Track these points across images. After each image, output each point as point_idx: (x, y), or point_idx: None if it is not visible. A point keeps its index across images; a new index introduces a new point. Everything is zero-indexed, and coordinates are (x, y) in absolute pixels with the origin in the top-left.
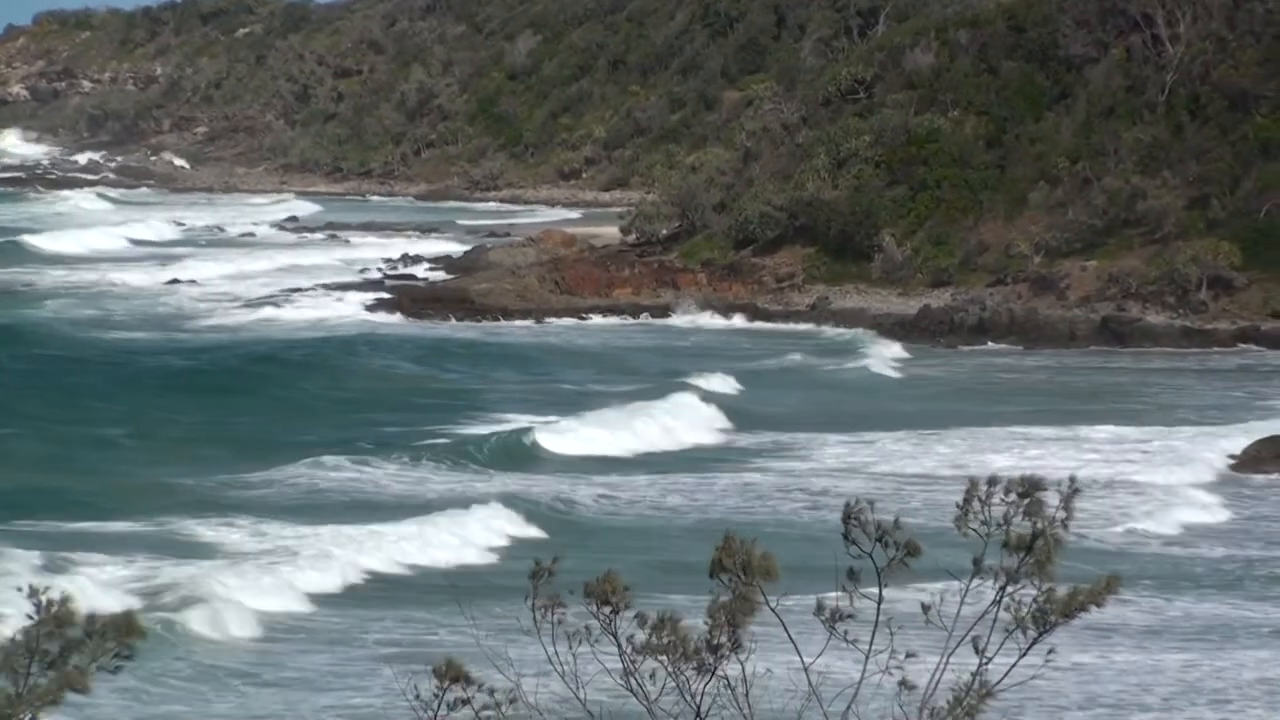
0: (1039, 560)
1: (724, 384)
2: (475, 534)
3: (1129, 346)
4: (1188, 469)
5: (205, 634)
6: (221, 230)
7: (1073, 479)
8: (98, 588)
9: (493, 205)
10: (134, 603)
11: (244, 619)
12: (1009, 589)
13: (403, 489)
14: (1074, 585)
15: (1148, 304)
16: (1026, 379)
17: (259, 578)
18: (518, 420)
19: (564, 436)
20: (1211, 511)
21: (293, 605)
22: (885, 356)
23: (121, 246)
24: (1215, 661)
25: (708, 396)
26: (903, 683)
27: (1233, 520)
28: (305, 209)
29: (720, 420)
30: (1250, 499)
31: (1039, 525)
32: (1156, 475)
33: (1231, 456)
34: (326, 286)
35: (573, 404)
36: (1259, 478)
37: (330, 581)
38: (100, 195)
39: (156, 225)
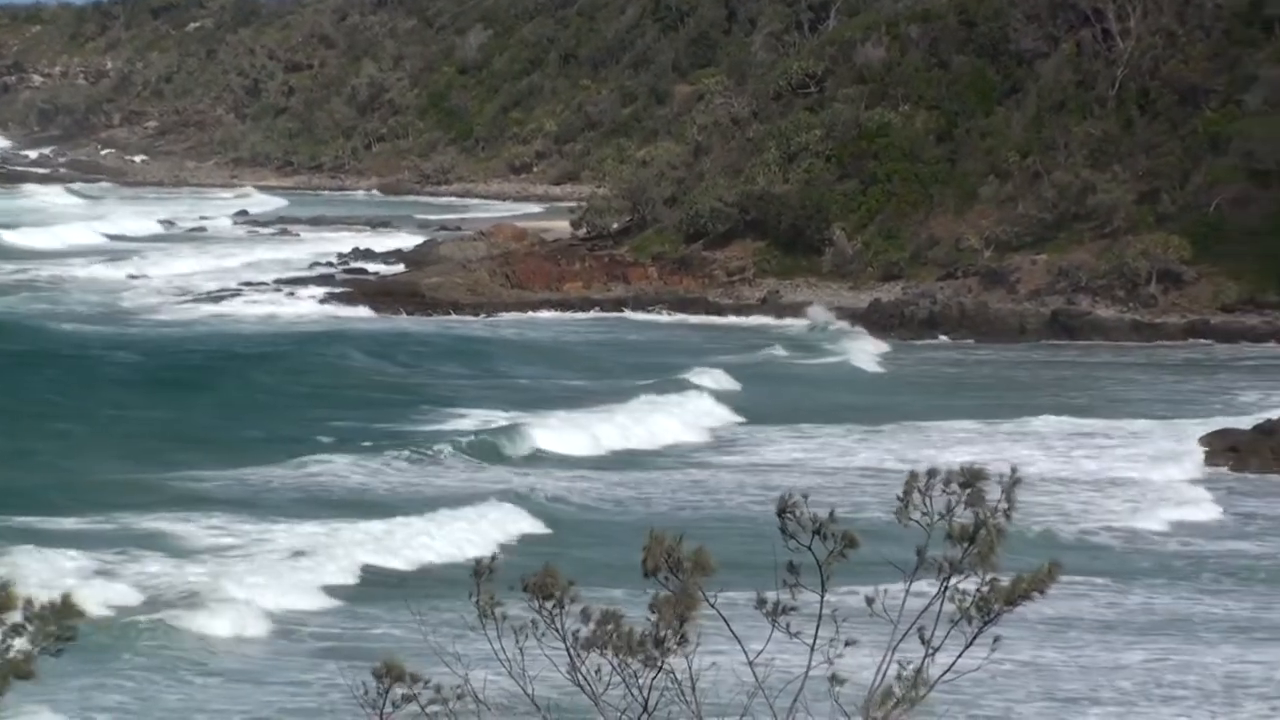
0: (981, 551)
1: (718, 380)
2: (474, 531)
3: (1078, 340)
4: (1144, 463)
5: (175, 629)
6: (189, 225)
7: (1014, 468)
8: (79, 581)
9: (455, 200)
10: (128, 599)
11: (212, 615)
12: (952, 580)
13: (384, 486)
14: (1017, 574)
15: (1098, 298)
16: (1016, 374)
17: (228, 574)
18: (498, 417)
19: (561, 433)
20: (1166, 505)
21: (264, 601)
22: (868, 351)
23: (99, 241)
24: (1177, 656)
25: (705, 392)
26: (833, 677)
27: (1185, 513)
28: (272, 203)
29: (729, 415)
30: (1202, 491)
31: (981, 515)
32: (1114, 469)
33: (1184, 450)
34: (281, 281)
35: (557, 401)
36: (1209, 470)
37: (298, 579)
38: (68, 190)
39: (130, 220)
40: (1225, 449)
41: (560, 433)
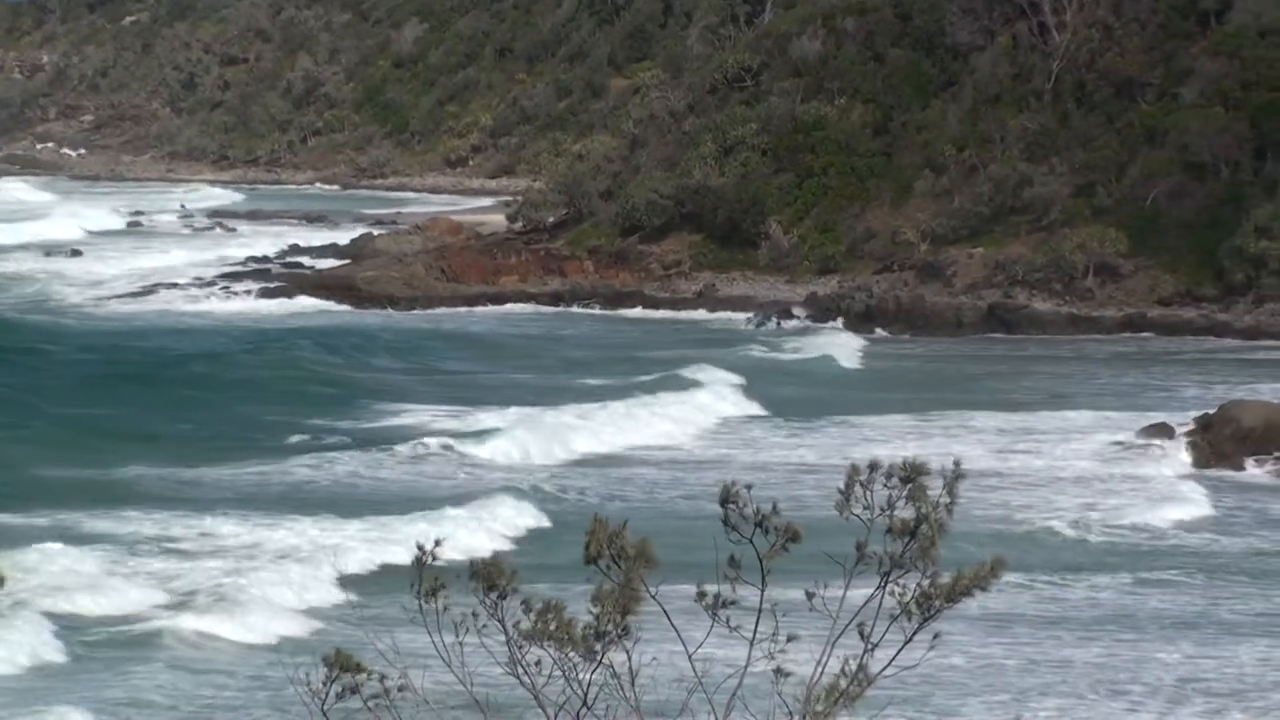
0: (923, 546)
1: (717, 376)
2: (482, 526)
3: (1015, 333)
4: (1086, 458)
5: (130, 625)
6: (154, 219)
7: (957, 463)
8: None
9: (411, 194)
10: (75, 596)
11: (200, 613)
12: (893, 575)
13: (327, 479)
14: (957, 569)
15: (1035, 291)
16: (979, 368)
17: (240, 572)
18: (479, 413)
19: (559, 431)
20: (1111, 499)
21: (255, 599)
22: (849, 348)
23: (79, 235)
24: (1126, 651)
25: (706, 388)
26: (778, 670)
27: (1131, 508)
28: (228, 197)
29: (733, 411)
30: (1145, 486)
31: (922, 510)
32: (1055, 465)
33: (1126, 444)
34: (220, 275)
35: (543, 399)
36: (1152, 466)
37: (280, 577)
38: (28, 183)
39: (102, 215)
40: (1166, 440)
41: (558, 430)
